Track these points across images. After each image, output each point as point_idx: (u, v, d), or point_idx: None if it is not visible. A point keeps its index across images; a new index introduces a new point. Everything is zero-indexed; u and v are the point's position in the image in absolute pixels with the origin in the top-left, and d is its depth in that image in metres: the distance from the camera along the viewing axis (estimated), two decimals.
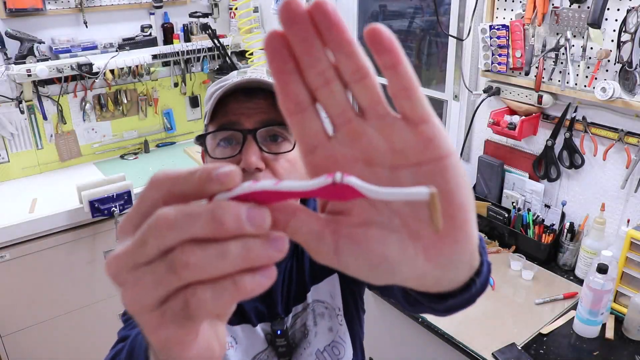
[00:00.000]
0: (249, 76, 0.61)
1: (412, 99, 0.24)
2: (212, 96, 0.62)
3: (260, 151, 0.59)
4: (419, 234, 0.25)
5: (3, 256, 1.60)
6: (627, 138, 1.24)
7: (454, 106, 1.69)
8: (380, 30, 0.23)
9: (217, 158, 0.61)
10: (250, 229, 0.21)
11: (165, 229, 0.20)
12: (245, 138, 0.59)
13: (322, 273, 0.70)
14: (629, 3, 1.14)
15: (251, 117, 0.60)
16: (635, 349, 1.09)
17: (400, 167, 0.25)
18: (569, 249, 1.36)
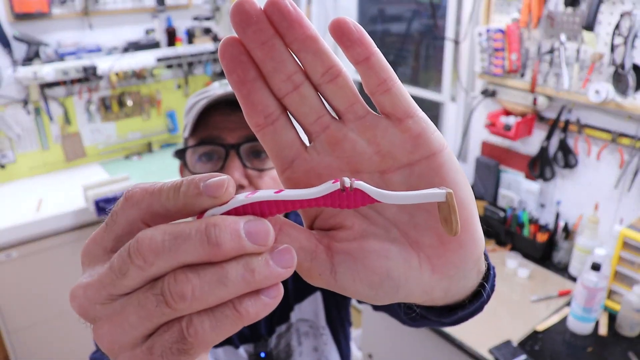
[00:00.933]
0: None
1: (392, 93, 0.21)
2: (193, 107, 0.58)
3: (243, 167, 0.56)
4: (420, 242, 0.22)
5: (10, 255, 1.63)
6: (620, 139, 1.26)
7: (451, 107, 1.72)
8: (345, 21, 0.20)
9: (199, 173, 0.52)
10: (251, 247, 0.17)
11: (151, 256, 0.17)
12: (227, 153, 0.56)
13: (305, 291, 0.66)
14: (622, 7, 1.16)
15: (234, 131, 0.56)
16: (628, 345, 1.10)
17: (390, 170, 0.22)
18: (563, 247, 1.38)
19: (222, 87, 0.59)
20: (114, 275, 0.17)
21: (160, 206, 0.18)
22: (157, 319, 0.17)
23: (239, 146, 0.56)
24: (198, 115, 0.56)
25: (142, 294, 0.17)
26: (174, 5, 2.15)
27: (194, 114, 0.56)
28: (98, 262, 0.18)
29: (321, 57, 0.21)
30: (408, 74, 2.08)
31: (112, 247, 0.18)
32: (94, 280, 0.18)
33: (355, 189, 0.20)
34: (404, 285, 0.22)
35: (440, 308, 0.30)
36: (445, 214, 0.20)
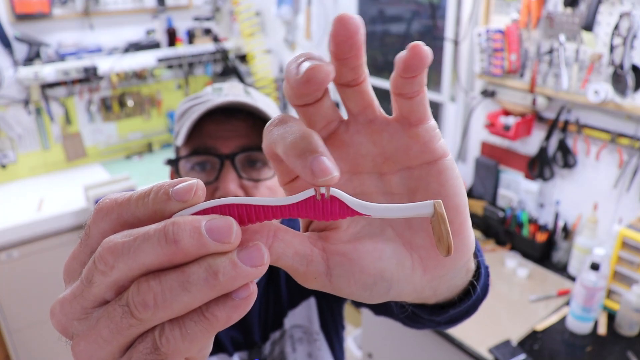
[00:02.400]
0: (228, 97, 0.54)
1: (415, 100, 0.22)
2: (185, 114, 0.55)
3: (238, 178, 0.54)
4: (414, 243, 0.23)
5: (11, 254, 1.64)
6: (619, 139, 1.26)
7: (451, 108, 1.72)
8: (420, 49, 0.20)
9: None
10: (213, 245, 0.16)
11: (112, 258, 0.16)
12: (222, 164, 0.53)
13: (298, 297, 0.65)
14: (621, 7, 1.17)
15: (229, 140, 0.54)
16: (626, 344, 1.10)
17: (390, 172, 0.23)
18: (562, 247, 1.38)
19: (215, 92, 0.56)
20: (82, 286, 0.17)
21: (130, 215, 0.18)
22: (127, 331, 0.17)
23: (234, 156, 0.54)
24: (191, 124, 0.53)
25: (111, 306, 0.17)
26: (174, 5, 2.15)
27: (189, 124, 0.53)
28: (76, 277, 0.18)
29: (356, 71, 0.21)
30: None
31: (87, 261, 0.18)
32: (67, 294, 0.17)
33: (332, 198, 0.19)
34: (396, 285, 0.22)
35: (431, 306, 0.30)
36: (438, 232, 0.19)
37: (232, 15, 2.31)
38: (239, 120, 0.55)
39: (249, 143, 0.54)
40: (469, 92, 1.62)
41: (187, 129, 0.53)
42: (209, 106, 0.52)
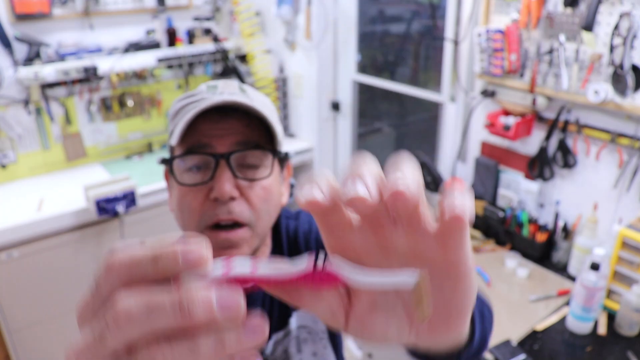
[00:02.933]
0: (223, 96, 0.53)
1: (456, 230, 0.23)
2: (179, 113, 0.55)
3: (234, 178, 0.52)
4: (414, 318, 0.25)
5: (11, 254, 1.64)
6: (619, 139, 1.26)
7: (451, 108, 1.72)
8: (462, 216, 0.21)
9: (186, 184, 0.53)
10: (223, 320, 0.18)
11: (126, 324, 0.18)
12: (217, 163, 0.52)
13: None
14: (621, 8, 1.16)
15: (223, 138, 0.53)
16: (627, 344, 1.10)
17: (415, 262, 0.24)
18: (562, 247, 1.38)
19: (209, 90, 0.55)
20: (97, 341, 0.18)
21: (140, 275, 0.19)
22: None
23: (229, 155, 0.52)
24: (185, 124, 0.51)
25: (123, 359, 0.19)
26: (174, 5, 2.15)
27: (183, 123, 0.51)
28: (88, 324, 0.19)
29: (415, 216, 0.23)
30: (407, 74, 2.09)
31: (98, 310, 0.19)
32: (82, 345, 0.19)
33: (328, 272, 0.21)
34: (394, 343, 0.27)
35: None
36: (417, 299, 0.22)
37: (232, 15, 2.31)
38: (235, 118, 0.53)
39: (245, 141, 0.53)
40: (469, 92, 1.62)
41: (181, 128, 0.51)
42: (204, 105, 0.51)
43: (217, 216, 0.52)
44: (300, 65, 2.29)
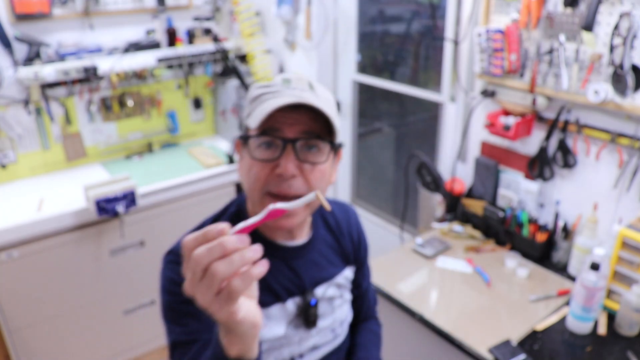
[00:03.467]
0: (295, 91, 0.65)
1: None
2: (257, 100, 0.66)
3: (297, 160, 0.64)
4: None
5: (11, 254, 1.64)
6: (619, 139, 1.26)
7: (451, 108, 1.72)
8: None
9: (257, 159, 0.66)
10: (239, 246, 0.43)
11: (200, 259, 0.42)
12: (285, 146, 0.64)
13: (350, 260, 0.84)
14: (621, 7, 1.16)
15: (293, 126, 0.64)
16: (626, 344, 1.10)
17: None
18: (562, 247, 1.38)
19: (284, 84, 0.66)
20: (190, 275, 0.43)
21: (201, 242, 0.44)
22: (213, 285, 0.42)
23: (295, 141, 0.64)
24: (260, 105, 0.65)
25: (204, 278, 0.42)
26: (174, 5, 2.15)
27: (264, 112, 0.62)
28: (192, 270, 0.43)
29: None
30: (407, 74, 2.09)
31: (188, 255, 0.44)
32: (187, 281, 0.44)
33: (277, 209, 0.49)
34: None
35: None
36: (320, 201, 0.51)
37: (232, 15, 2.31)
38: (303, 111, 0.65)
39: (310, 130, 0.65)
40: (469, 92, 1.62)
41: (262, 116, 0.63)
42: (283, 102, 0.62)
43: (278, 188, 0.65)
44: (300, 65, 2.29)
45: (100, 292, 1.87)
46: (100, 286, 1.86)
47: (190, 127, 2.40)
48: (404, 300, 1.26)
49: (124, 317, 1.96)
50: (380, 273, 1.38)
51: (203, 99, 2.39)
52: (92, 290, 1.84)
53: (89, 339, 1.89)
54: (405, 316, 1.24)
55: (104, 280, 1.86)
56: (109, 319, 1.92)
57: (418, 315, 1.21)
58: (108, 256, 1.84)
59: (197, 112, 2.40)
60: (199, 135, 2.45)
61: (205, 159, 2.13)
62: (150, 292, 2.00)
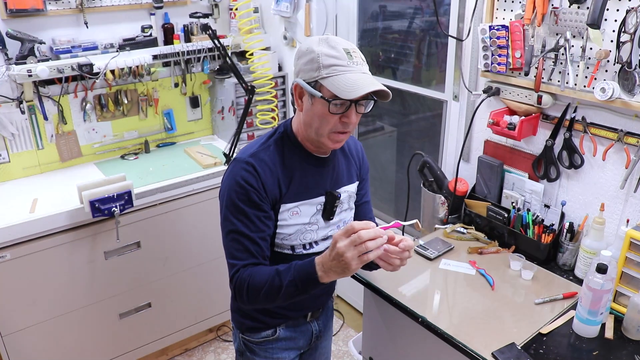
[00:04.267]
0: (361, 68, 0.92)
1: None
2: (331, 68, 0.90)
3: (356, 113, 0.95)
4: None
5: (4, 256, 1.60)
6: (627, 138, 1.24)
7: (454, 106, 1.70)
8: None
9: (334, 112, 0.93)
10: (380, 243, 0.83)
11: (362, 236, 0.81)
12: (350, 105, 0.93)
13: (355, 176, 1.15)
14: (629, 3, 1.14)
15: None
16: (634, 348, 1.08)
17: None
18: (568, 248, 1.36)
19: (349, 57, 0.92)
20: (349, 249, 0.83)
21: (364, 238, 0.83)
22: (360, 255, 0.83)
23: (356, 102, 0.93)
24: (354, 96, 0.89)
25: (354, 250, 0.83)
26: (171, 1, 2.12)
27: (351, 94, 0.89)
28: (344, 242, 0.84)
29: None
30: (410, 72, 2.06)
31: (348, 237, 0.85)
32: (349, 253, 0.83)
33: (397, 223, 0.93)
34: None
35: None
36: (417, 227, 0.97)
37: (230, 11, 2.28)
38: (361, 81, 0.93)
39: (366, 95, 0.91)
40: (472, 90, 1.59)
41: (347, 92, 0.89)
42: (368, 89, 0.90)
43: (341, 129, 0.96)
44: None
45: (95, 294, 1.84)
46: (94, 288, 1.83)
47: (187, 126, 2.37)
48: (406, 303, 1.24)
49: (120, 321, 1.92)
50: (381, 275, 1.35)
51: (200, 97, 2.35)
52: (86, 292, 1.81)
53: (83, 343, 1.86)
54: (408, 319, 1.22)
55: (98, 283, 1.83)
56: (104, 323, 1.89)
57: (420, 319, 1.19)
58: (103, 257, 1.81)
59: (194, 111, 2.37)
60: (196, 134, 2.41)
61: (203, 159, 2.10)
62: (146, 295, 1.97)
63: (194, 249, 2.03)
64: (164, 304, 2.03)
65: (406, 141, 2.23)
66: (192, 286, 2.08)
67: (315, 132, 0.97)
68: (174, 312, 2.07)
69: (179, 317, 2.10)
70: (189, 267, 2.05)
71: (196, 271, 2.07)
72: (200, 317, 2.16)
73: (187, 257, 2.03)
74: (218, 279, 2.11)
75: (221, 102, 2.30)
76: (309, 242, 1.07)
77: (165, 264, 1.98)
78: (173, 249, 1.97)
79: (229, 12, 2.29)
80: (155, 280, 1.97)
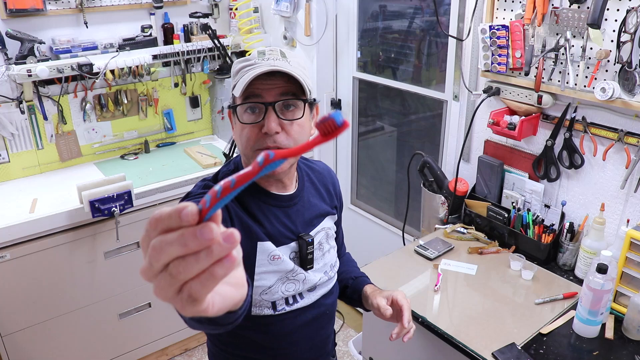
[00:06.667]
0: (269, 61, 0.77)
1: None
2: (239, 73, 0.78)
3: (278, 119, 0.77)
4: None
5: (3, 256, 1.60)
6: (627, 138, 1.24)
7: (454, 106, 1.69)
8: None
9: (245, 122, 0.79)
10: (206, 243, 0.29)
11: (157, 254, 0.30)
12: (267, 109, 0.77)
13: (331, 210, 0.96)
14: (629, 3, 1.14)
15: (271, 91, 0.77)
16: (634, 348, 1.08)
17: None
18: (568, 249, 1.36)
19: (259, 56, 0.78)
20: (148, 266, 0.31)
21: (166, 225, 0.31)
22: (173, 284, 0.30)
23: (274, 103, 0.77)
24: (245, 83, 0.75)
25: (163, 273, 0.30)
26: (171, 1, 2.11)
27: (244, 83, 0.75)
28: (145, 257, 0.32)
29: None
30: (410, 72, 2.05)
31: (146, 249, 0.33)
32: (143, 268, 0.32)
33: None
34: None
35: None
36: None
37: (230, 11, 2.28)
38: (278, 77, 0.77)
39: (286, 92, 0.77)
40: (472, 90, 1.59)
41: (243, 86, 0.75)
42: (259, 71, 0.74)
43: (266, 144, 0.78)
44: None
45: (95, 294, 1.83)
46: (94, 289, 1.82)
47: (187, 126, 2.37)
48: None
49: (119, 321, 1.92)
50: (381, 275, 1.35)
51: (200, 97, 2.35)
52: (86, 292, 1.81)
53: (83, 343, 1.86)
54: None
55: (98, 283, 1.82)
56: (104, 323, 1.89)
57: (420, 319, 1.19)
58: (103, 258, 1.81)
59: (194, 111, 2.36)
60: (196, 134, 2.41)
61: (203, 159, 2.10)
62: (146, 295, 1.96)
63: None
64: (164, 304, 2.00)
65: (406, 141, 2.23)
66: None
67: (243, 155, 0.83)
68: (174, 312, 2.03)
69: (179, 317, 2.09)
70: None
71: None
72: None
73: None
74: None
75: (221, 102, 2.30)
76: (292, 296, 0.87)
77: None
78: None
79: (228, 12, 2.28)
80: None
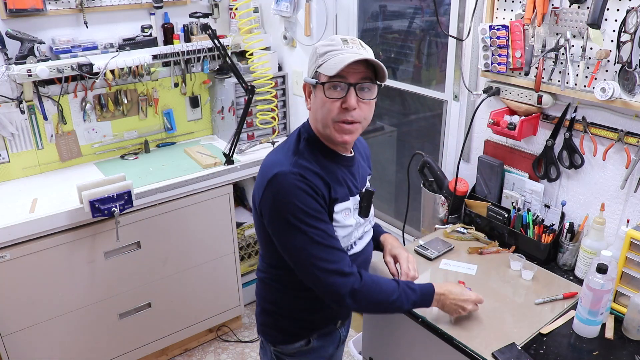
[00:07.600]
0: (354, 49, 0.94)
1: None
2: (326, 55, 0.94)
3: (357, 97, 0.95)
4: None
5: (4, 256, 1.60)
6: (627, 138, 1.24)
7: (454, 106, 1.70)
8: None
9: (331, 97, 0.95)
10: None
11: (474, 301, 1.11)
12: (349, 88, 0.94)
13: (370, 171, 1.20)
14: (629, 3, 1.14)
15: (354, 75, 0.93)
16: (634, 348, 1.08)
17: None
18: (568, 249, 1.36)
19: (344, 44, 0.94)
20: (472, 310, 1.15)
21: None
22: None
23: (356, 85, 0.94)
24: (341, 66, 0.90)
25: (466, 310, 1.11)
26: (171, 1, 2.11)
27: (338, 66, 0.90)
28: None
29: None
30: (410, 72, 2.06)
31: None
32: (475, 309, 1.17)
33: None
34: None
35: None
36: None
37: (230, 11, 2.28)
38: (360, 64, 0.93)
39: (365, 77, 0.94)
40: (472, 90, 1.59)
41: (337, 67, 0.91)
42: (353, 59, 0.91)
43: (344, 117, 0.95)
44: (299, 62, 2.26)
45: (95, 294, 1.83)
46: (94, 289, 1.83)
47: (187, 126, 2.37)
48: None
49: (119, 321, 1.92)
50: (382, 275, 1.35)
51: (200, 97, 2.35)
52: (86, 293, 1.81)
53: (83, 343, 1.86)
54: (408, 319, 1.22)
55: (98, 283, 1.83)
56: (104, 323, 1.89)
57: (420, 319, 1.19)
58: (103, 258, 1.81)
59: (194, 111, 2.36)
60: (196, 134, 2.41)
61: (203, 159, 2.10)
62: (146, 295, 1.97)
63: (194, 249, 2.03)
64: (164, 304, 2.02)
65: (406, 141, 2.23)
66: (192, 286, 2.08)
67: (321, 124, 0.98)
68: (173, 312, 2.07)
69: (179, 317, 2.10)
70: (189, 267, 2.05)
71: (196, 271, 2.07)
72: (200, 317, 2.16)
73: (187, 257, 2.03)
74: (218, 279, 2.11)
75: (221, 102, 2.30)
76: (353, 242, 1.10)
77: (165, 264, 1.97)
78: (173, 249, 1.97)
79: (229, 12, 2.28)
80: (155, 280, 1.96)
